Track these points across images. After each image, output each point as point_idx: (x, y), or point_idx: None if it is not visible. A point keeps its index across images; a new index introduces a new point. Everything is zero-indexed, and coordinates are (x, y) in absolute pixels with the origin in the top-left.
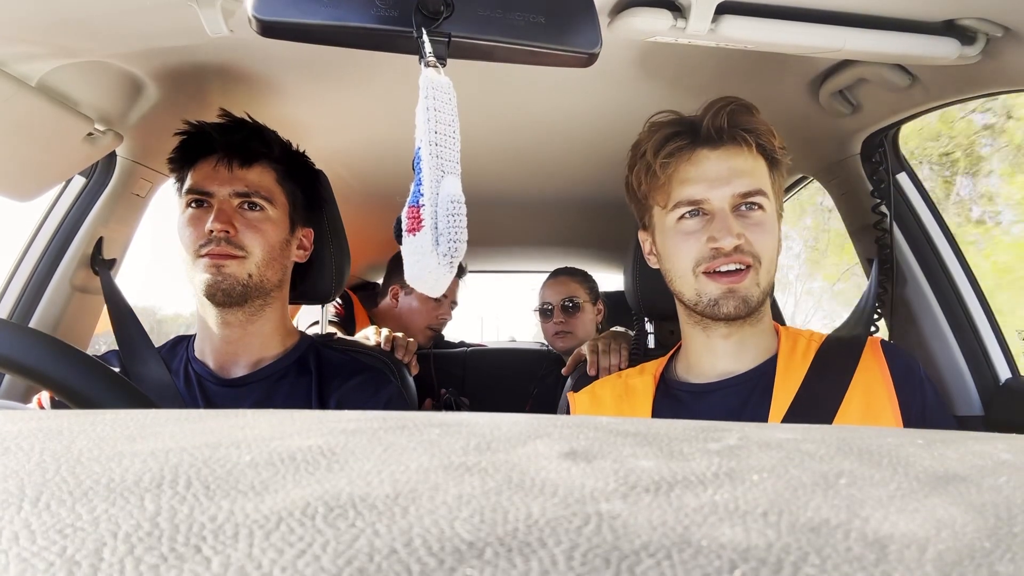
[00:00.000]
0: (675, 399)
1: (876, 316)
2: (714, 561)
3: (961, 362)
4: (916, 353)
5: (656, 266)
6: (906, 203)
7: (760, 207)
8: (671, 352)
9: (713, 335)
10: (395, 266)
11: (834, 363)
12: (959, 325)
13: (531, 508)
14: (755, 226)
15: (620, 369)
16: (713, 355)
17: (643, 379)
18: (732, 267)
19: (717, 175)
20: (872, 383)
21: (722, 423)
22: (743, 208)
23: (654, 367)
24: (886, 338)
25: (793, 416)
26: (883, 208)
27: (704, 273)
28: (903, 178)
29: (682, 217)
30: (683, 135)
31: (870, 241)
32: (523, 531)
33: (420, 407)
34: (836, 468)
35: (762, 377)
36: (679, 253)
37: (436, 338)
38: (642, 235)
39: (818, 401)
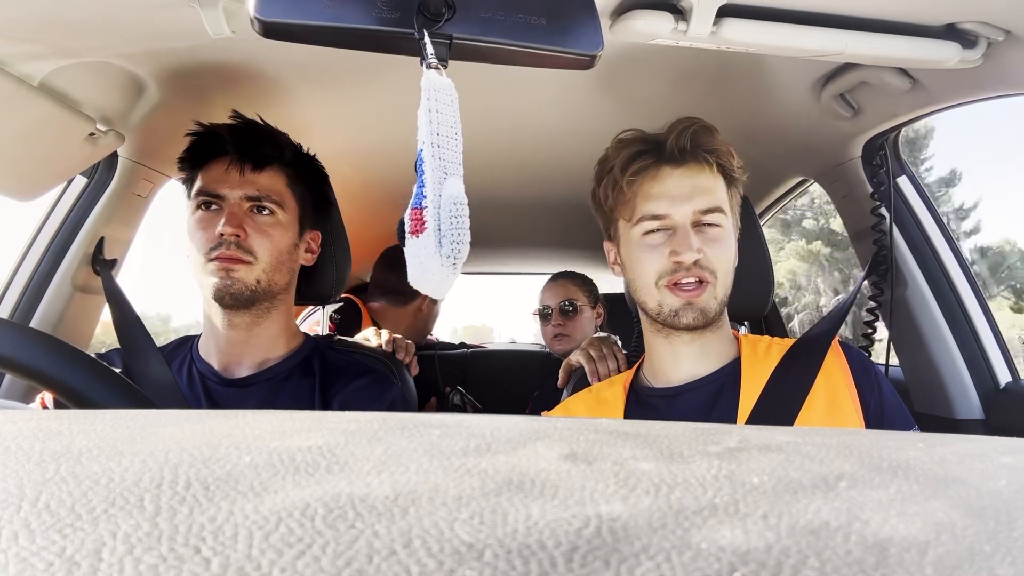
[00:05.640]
0: (646, 405)
1: (874, 318)
2: (714, 564)
3: (961, 365)
4: (916, 356)
5: (620, 276)
6: (906, 206)
7: (718, 224)
8: (638, 363)
9: (676, 342)
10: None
11: (799, 362)
12: (959, 328)
13: (531, 510)
14: (713, 241)
15: (620, 372)
16: (677, 360)
17: (613, 390)
18: (692, 280)
19: (680, 192)
20: (835, 380)
21: (722, 425)
22: (702, 224)
23: (622, 378)
24: (885, 341)
25: (760, 412)
26: (883, 211)
27: (666, 286)
28: (903, 181)
29: (647, 232)
30: (649, 153)
31: (870, 244)
32: (523, 533)
33: (423, 406)
34: (836, 471)
35: (727, 377)
36: (643, 265)
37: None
38: (607, 245)
39: (784, 398)
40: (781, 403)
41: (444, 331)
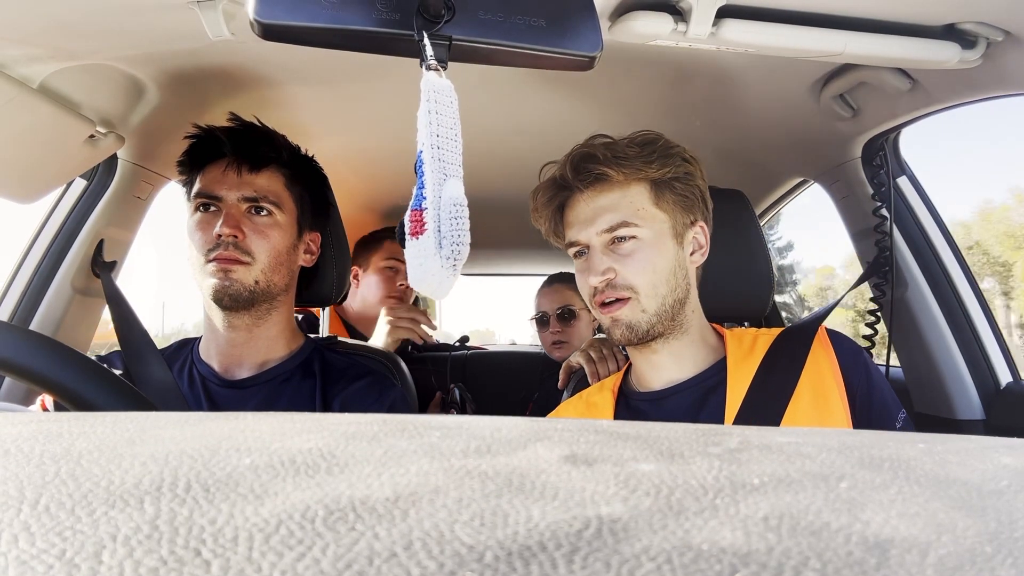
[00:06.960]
0: (634, 409)
1: (875, 319)
2: (715, 565)
3: (962, 365)
4: (917, 356)
5: None
6: (907, 206)
7: (631, 237)
8: (625, 367)
9: (645, 351)
10: (356, 252)
11: (785, 356)
12: (959, 328)
13: (531, 512)
14: (625, 258)
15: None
16: (653, 368)
17: (602, 395)
18: (610, 299)
19: (585, 216)
20: (821, 371)
21: (722, 426)
22: (615, 242)
23: (611, 382)
24: (886, 342)
25: (748, 409)
26: (884, 211)
27: (595, 305)
28: (903, 182)
29: (574, 256)
30: (554, 186)
31: (871, 244)
32: (523, 535)
33: (429, 404)
34: (837, 471)
35: (712, 378)
36: (580, 288)
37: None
38: None
39: (771, 393)
40: (767, 400)
41: (449, 337)
